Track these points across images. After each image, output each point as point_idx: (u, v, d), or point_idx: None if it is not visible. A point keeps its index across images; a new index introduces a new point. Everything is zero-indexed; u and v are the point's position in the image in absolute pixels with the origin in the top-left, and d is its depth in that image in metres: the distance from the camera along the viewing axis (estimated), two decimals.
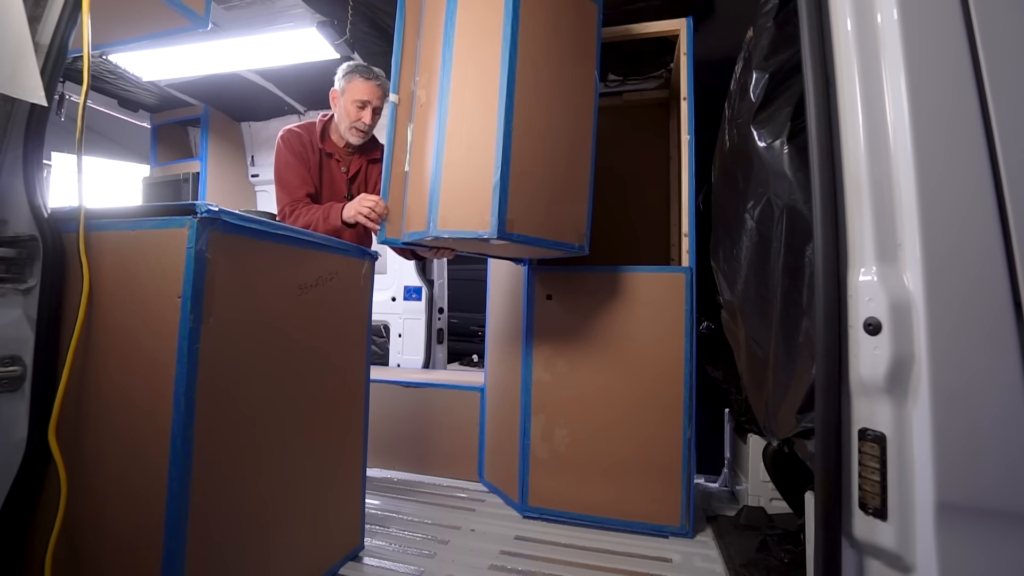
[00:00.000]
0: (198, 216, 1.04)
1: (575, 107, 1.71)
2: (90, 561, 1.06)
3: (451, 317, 3.75)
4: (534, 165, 1.57)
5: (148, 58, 2.71)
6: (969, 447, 0.74)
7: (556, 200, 1.63)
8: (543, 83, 1.61)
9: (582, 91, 1.74)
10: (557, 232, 1.63)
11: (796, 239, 1.06)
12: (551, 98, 1.63)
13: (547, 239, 1.60)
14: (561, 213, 1.65)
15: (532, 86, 1.57)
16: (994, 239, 0.76)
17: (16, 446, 1.06)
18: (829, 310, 0.83)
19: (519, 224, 1.52)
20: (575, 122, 1.71)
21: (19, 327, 1.08)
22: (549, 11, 1.64)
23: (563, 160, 1.67)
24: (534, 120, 1.57)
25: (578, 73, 1.73)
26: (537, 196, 1.58)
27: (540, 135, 1.59)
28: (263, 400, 1.24)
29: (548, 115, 1.62)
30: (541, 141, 1.59)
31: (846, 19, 0.88)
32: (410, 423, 2.54)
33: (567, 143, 1.68)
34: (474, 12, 1.61)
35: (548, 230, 1.60)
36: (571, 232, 1.68)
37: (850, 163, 0.86)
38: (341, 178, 2.00)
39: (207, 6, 1.52)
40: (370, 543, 1.75)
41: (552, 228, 1.62)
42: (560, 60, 1.67)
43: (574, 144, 1.71)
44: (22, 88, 1.02)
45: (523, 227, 1.53)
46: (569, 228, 1.67)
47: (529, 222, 1.55)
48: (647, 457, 1.89)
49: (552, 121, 1.63)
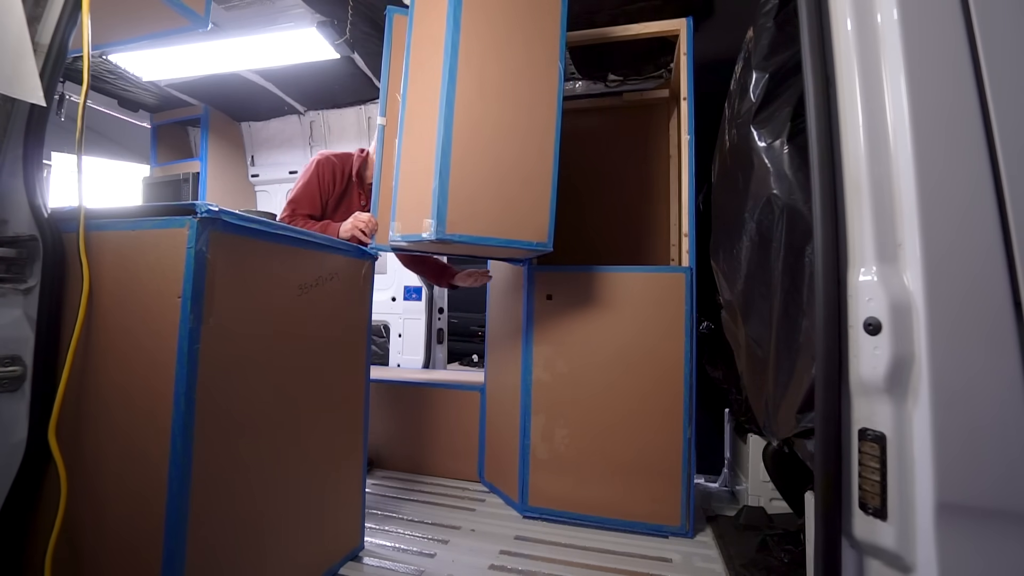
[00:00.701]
0: (198, 216, 1.04)
1: (532, 104, 1.71)
2: (90, 561, 1.06)
3: (451, 317, 3.75)
4: (481, 167, 1.61)
5: (148, 58, 2.71)
6: (969, 447, 0.74)
7: (510, 199, 1.65)
8: (490, 86, 1.63)
9: (541, 87, 1.72)
10: (512, 231, 1.65)
11: (796, 239, 1.06)
12: (501, 98, 1.65)
13: (498, 238, 1.63)
14: (517, 212, 1.66)
15: (476, 90, 1.60)
16: (994, 239, 0.76)
17: (16, 446, 1.06)
18: (829, 310, 0.83)
19: (462, 225, 1.57)
20: (532, 120, 1.70)
21: (19, 327, 1.08)
22: (497, 13, 1.66)
23: (517, 160, 1.67)
24: (481, 123, 1.61)
25: (536, 68, 1.72)
26: (484, 197, 1.61)
27: (489, 137, 1.62)
28: (263, 400, 1.24)
29: (498, 116, 1.64)
30: (490, 143, 1.62)
31: (846, 19, 0.87)
32: (410, 423, 2.54)
33: (522, 142, 1.68)
34: (427, 25, 1.67)
35: (500, 229, 1.63)
36: (530, 230, 1.69)
37: (850, 163, 0.86)
38: (357, 207, 2.11)
39: (207, 6, 1.52)
40: (370, 543, 1.75)
41: (505, 227, 1.64)
42: (513, 58, 1.67)
43: (531, 143, 1.70)
44: (21, 88, 1.02)
45: (467, 227, 1.58)
46: (527, 226, 1.69)
47: (475, 223, 1.59)
48: (647, 457, 1.89)
49: (504, 121, 1.65)
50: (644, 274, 1.96)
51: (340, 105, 3.37)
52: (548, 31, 1.75)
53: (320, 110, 3.47)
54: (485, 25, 1.63)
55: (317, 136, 3.54)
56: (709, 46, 2.12)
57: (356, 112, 3.38)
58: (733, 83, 1.43)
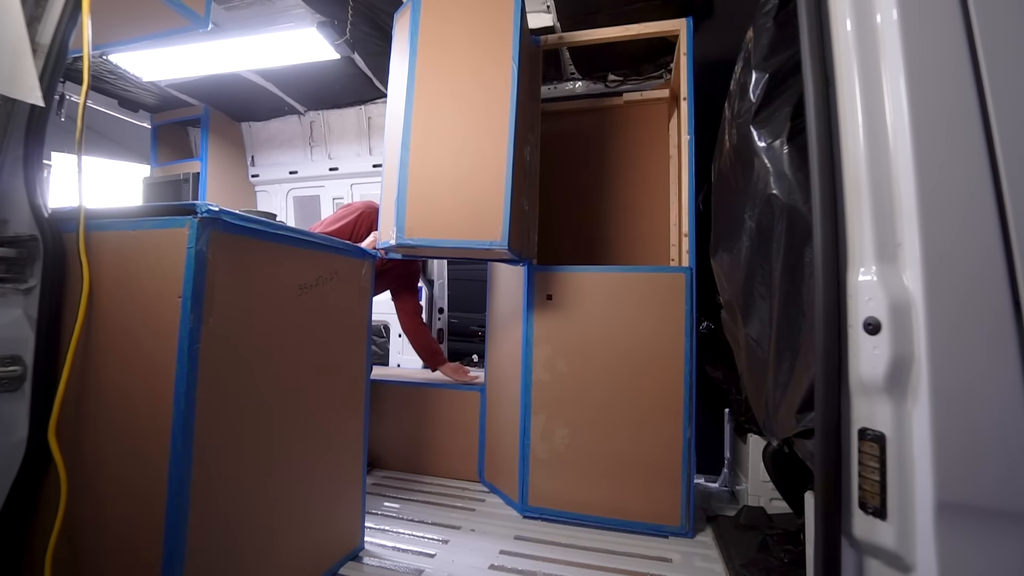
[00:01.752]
0: (198, 216, 1.04)
1: (485, 111, 1.77)
2: (90, 561, 1.06)
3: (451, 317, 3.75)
4: (436, 174, 1.73)
5: (148, 58, 2.71)
6: (969, 447, 0.74)
7: (464, 203, 1.73)
8: (443, 95, 1.75)
9: (495, 89, 1.77)
10: (468, 232, 1.72)
11: (796, 239, 1.06)
12: (456, 109, 1.76)
13: (455, 239, 1.72)
14: (472, 214, 1.73)
15: (427, 104, 1.74)
16: (994, 239, 0.76)
17: (16, 446, 1.06)
18: (829, 310, 0.83)
19: (419, 230, 1.71)
20: (485, 126, 1.76)
21: (19, 327, 1.08)
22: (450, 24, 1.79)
23: (470, 164, 1.74)
24: (435, 134, 1.73)
25: (490, 73, 1.78)
26: (440, 202, 1.72)
27: (442, 145, 1.74)
28: (263, 400, 1.24)
29: (453, 124, 1.75)
30: (444, 151, 1.74)
31: (846, 19, 0.88)
32: (410, 423, 2.54)
33: (476, 148, 1.75)
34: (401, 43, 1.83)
35: (457, 232, 1.72)
36: (487, 231, 1.73)
37: (850, 163, 0.86)
38: None
39: (207, 6, 1.53)
40: (370, 543, 1.75)
41: (460, 229, 1.73)
42: (466, 67, 1.77)
43: (484, 148, 1.75)
44: (20, 88, 1.02)
45: (424, 232, 1.71)
46: (483, 227, 1.73)
47: (432, 227, 1.71)
48: (647, 457, 1.89)
49: (458, 129, 1.75)
50: (644, 274, 1.96)
51: (340, 105, 3.37)
52: (501, 32, 1.79)
53: (320, 110, 3.46)
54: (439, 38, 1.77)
55: (317, 136, 3.54)
56: (709, 46, 2.12)
57: (356, 112, 3.38)
58: (733, 83, 1.43)
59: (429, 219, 1.72)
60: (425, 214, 1.71)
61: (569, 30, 2.27)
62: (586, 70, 2.74)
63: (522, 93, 1.77)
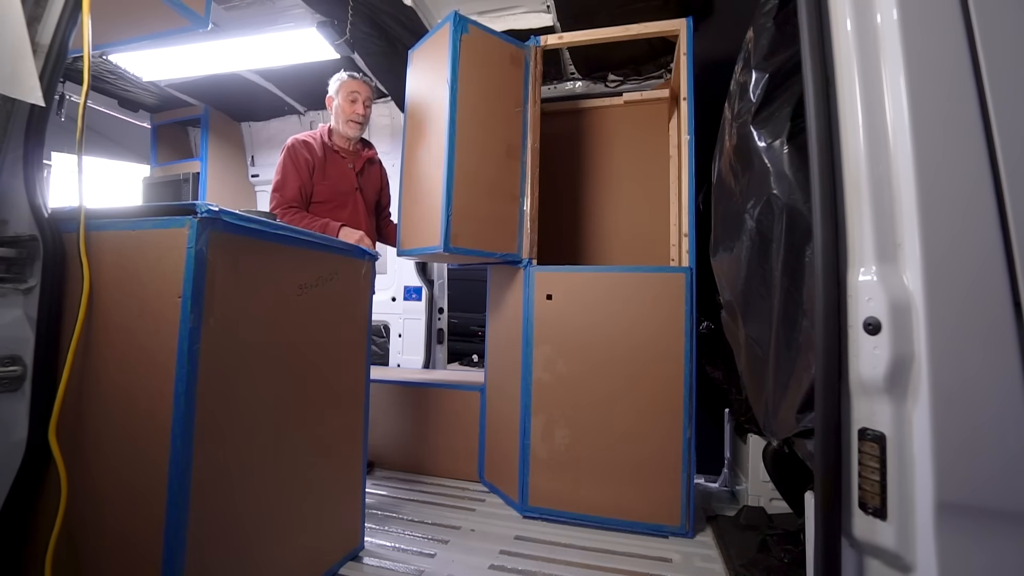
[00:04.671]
0: (198, 216, 1.04)
1: (505, 146, 2.12)
2: (90, 561, 1.06)
3: (451, 317, 3.75)
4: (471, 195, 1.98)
5: (148, 58, 2.71)
6: (969, 447, 0.74)
7: (489, 221, 2.05)
8: (476, 134, 2.01)
9: (511, 132, 2.15)
10: (494, 245, 2.05)
11: (796, 239, 1.06)
12: (484, 143, 2.04)
13: (484, 251, 2.02)
14: (495, 231, 2.07)
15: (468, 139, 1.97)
16: (994, 239, 0.76)
17: (16, 446, 1.06)
18: (829, 310, 0.83)
19: (462, 239, 1.94)
20: (504, 160, 2.11)
21: (19, 327, 1.08)
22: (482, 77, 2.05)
23: (492, 191, 2.07)
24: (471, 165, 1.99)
25: (508, 115, 2.14)
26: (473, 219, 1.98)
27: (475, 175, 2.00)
28: (263, 400, 1.24)
29: (481, 156, 2.03)
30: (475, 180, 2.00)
31: (846, 19, 0.87)
32: (410, 423, 2.54)
33: (497, 177, 2.09)
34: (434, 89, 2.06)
35: (485, 244, 2.02)
36: (505, 244, 2.09)
37: (850, 163, 0.86)
38: (350, 173, 2.23)
39: (207, 6, 1.52)
40: (370, 543, 1.75)
41: (489, 242, 2.03)
42: (491, 110, 2.08)
43: (504, 178, 2.11)
44: (20, 88, 1.02)
45: (464, 242, 1.95)
46: (503, 242, 2.09)
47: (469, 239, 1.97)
48: (647, 457, 1.89)
49: (485, 161, 2.04)
50: (644, 274, 1.96)
51: None
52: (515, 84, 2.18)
53: (320, 110, 3.47)
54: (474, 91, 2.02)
55: None
56: (709, 46, 2.12)
57: None
58: (733, 83, 1.43)
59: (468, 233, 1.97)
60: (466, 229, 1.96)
61: (569, 30, 2.27)
62: (586, 70, 2.74)
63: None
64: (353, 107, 2.18)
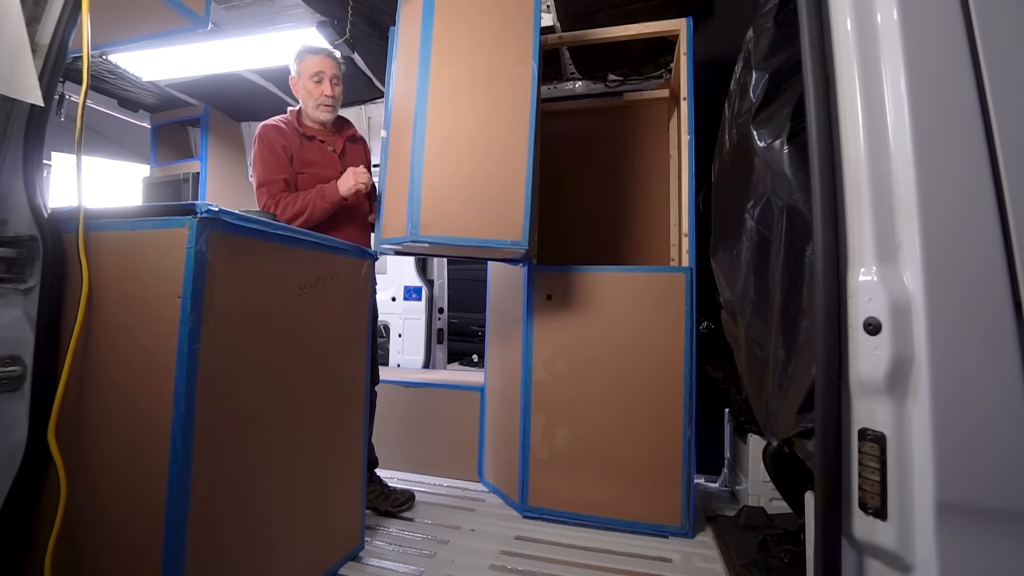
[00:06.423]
0: (198, 216, 1.04)
1: (506, 107, 1.72)
2: (90, 561, 1.06)
3: (451, 317, 3.75)
4: (454, 170, 1.64)
5: (148, 58, 2.71)
6: (969, 447, 0.74)
7: (486, 200, 1.66)
8: (462, 91, 1.67)
9: (515, 86, 1.72)
10: (486, 231, 1.66)
11: (796, 239, 1.06)
12: (474, 101, 1.68)
13: (471, 238, 1.64)
14: (492, 212, 1.67)
15: (448, 96, 1.64)
16: (994, 239, 0.76)
17: (16, 446, 1.06)
18: (829, 310, 0.83)
19: (434, 227, 1.61)
20: (506, 122, 1.71)
21: (19, 327, 1.08)
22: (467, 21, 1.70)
23: (491, 161, 1.68)
24: (453, 129, 1.65)
25: (509, 70, 1.73)
26: (458, 199, 1.64)
27: (461, 141, 1.66)
28: (263, 400, 1.24)
29: (472, 122, 1.67)
30: (462, 147, 1.66)
31: (846, 19, 0.87)
32: (410, 423, 2.54)
33: (496, 144, 1.70)
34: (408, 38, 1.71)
35: (473, 229, 1.65)
36: (505, 230, 1.68)
37: (850, 163, 0.86)
38: (332, 156, 2.03)
39: (207, 6, 1.53)
40: (370, 543, 1.75)
41: (479, 227, 1.65)
42: (486, 62, 1.70)
43: (505, 144, 1.70)
44: (20, 88, 1.02)
45: (439, 229, 1.61)
46: (502, 226, 1.68)
47: (448, 224, 1.62)
48: (647, 457, 1.89)
49: (478, 124, 1.68)
50: (644, 274, 1.96)
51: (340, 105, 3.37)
52: (520, 30, 1.75)
53: None
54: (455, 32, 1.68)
55: None
56: (709, 46, 2.12)
57: (356, 112, 3.37)
58: (733, 83, 1.43)
59: (446, 216, 1.63)
60: (441, 211, 1.62)
61: (569, 30, 2.27)
62: (586, 70, 2.73)
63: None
64: (320, 88, 1.93)
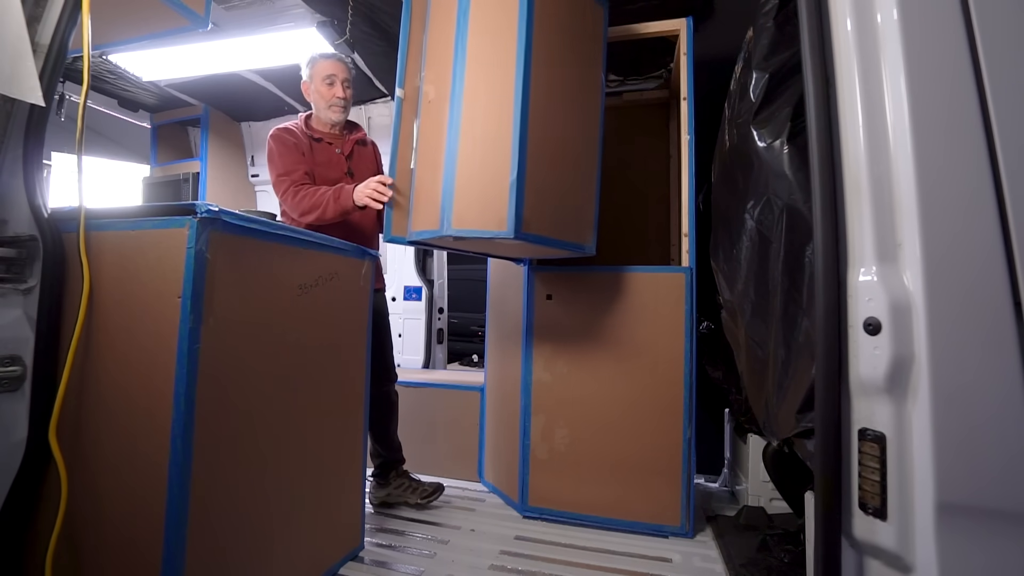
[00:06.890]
0: (198, 216, 1.04)
1: (585, 108, 1.70)
2: (90, 561, 1.06)
3: (451, 317, 3.75)
4: (546, 165, 1.54)
5: (148, 58, 2.71)
6: (969, 447, 0.74)
7: (566, 201, 1.62)
8: (555, 84, 1.59)
9: (591, 92, 1.74)
10: (566, 232, 1.62)
11: (796, 239, 1.06)
12: (563, 98, 1.62)
13: (558, 239, 1.58)
14: (570, 214, 1.64)
15: (545, 86, 1.54)
16: (994, 239, 0.76)
17: (16, 446, 1.06)
18: (829, 310, 0.83)
19: (534, 224, 1.49)
20: (585, 123, 1.70)
21: (19, 327, 1.08)
22: (561, 13, 1.63)
23: (573, 161, 1.65)
24: (547, 120, 1.55)
25: (587, 74, 1.73)
26: (548, 196, 1.55)
27: (552, 135, 1.57)
28: (263, 400, 1.24)
29: (561, 115, 1.61)
30: (553, 141, 1.57)
31: (846, 19, 0.87)
32: (410, 423, 2.54)
33: (577, 144, 1.67)
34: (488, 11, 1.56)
35: (558, 230, 1.59)
36: (579, 233, 1.67)
37: (850, 163, 0.86)
38: (339, 158, 2.05)
39: (207, 6, 1.52)
40: (370, 543, 1.75)
41: (562, 228, 1.60)
42: (571, 61, 1.66)
43: (584, 145, 1.69)
44: (20, 88, 1.02)
45: (537, 227, 1.50)
46: (577, 229, 1.67)
47: (542, 222, 1.52)
48: (647, 457, 1.89)
49: (563, 121, 1.62)
50: (644, 274, 1.96)
51: None
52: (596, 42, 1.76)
53: None
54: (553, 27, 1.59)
55: None
56: (709, 46, 2.12)
57: (356, 112, 3.38)
58: (733, 83, 1.43)
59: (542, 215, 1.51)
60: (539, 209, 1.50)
61: None
62: None
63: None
64: (332, 90, 2.00)
